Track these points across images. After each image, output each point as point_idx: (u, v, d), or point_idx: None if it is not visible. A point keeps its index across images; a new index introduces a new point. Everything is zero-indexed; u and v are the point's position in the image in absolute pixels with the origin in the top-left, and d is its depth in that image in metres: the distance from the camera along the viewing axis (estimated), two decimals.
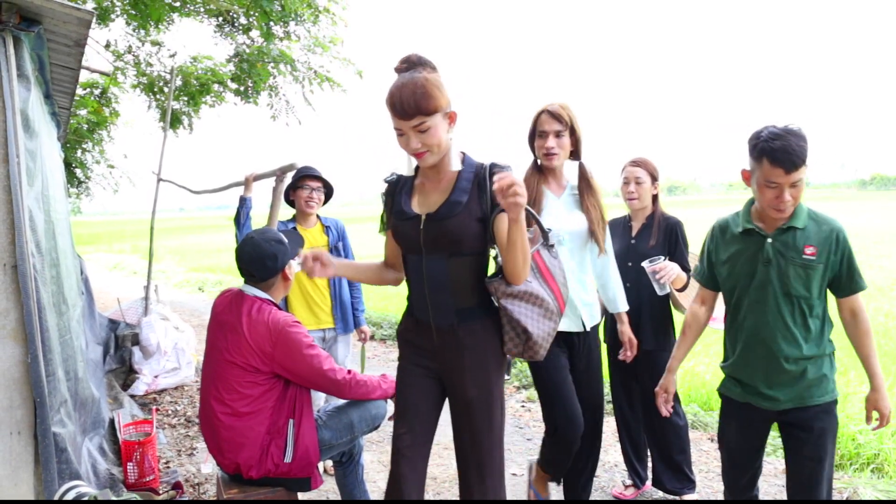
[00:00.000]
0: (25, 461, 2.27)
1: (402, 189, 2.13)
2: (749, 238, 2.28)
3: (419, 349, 2.16)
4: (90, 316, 5.47)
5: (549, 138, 2.61)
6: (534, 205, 2.59)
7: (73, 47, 2.67)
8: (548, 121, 2.61)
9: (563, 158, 2.67)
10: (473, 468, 2.09)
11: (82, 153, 11.33)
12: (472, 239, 2.01)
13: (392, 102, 1.89)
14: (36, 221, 2.43)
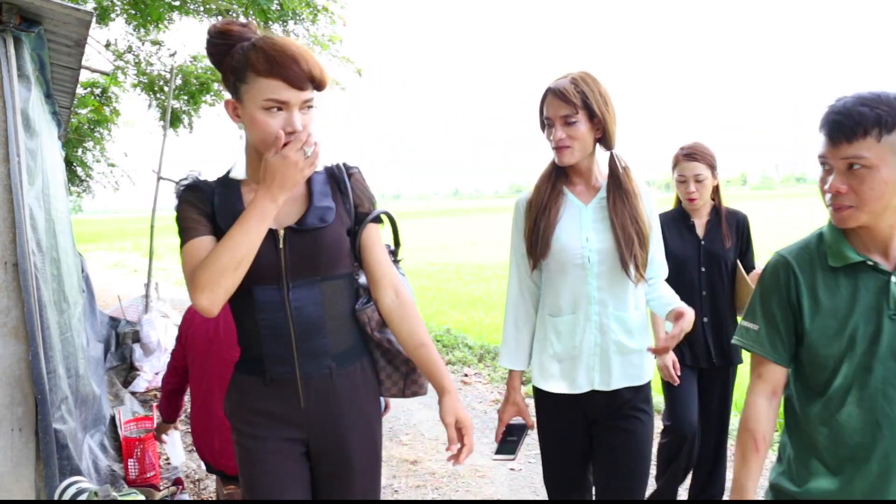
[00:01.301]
0: (27, 457, 2.30)
1: (224, 196, 1.55)
2: (857, 276, 1.41)
3: (278, 420, 1.57)
4: (91, 314, 5.50)
5: (556, 128, 1.88)
6: (548, 214, 1.93)
7: (73, 47, 2.70)
8: (552, 104, 1.89)
9: (581, 151, 1.90)
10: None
11: (83, 152, 11.37)
12: (346, 256, 1.61)
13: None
14: (37, 220, 2.46)
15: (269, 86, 1.41)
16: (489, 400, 5.23)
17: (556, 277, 1.95)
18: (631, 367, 1.95)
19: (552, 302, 1.99)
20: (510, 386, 2.05)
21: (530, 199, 2.00)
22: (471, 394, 5.41)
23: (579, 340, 1.93)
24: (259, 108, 1.42)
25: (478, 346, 6.79)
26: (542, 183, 2.01)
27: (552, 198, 1.96)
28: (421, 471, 3.80)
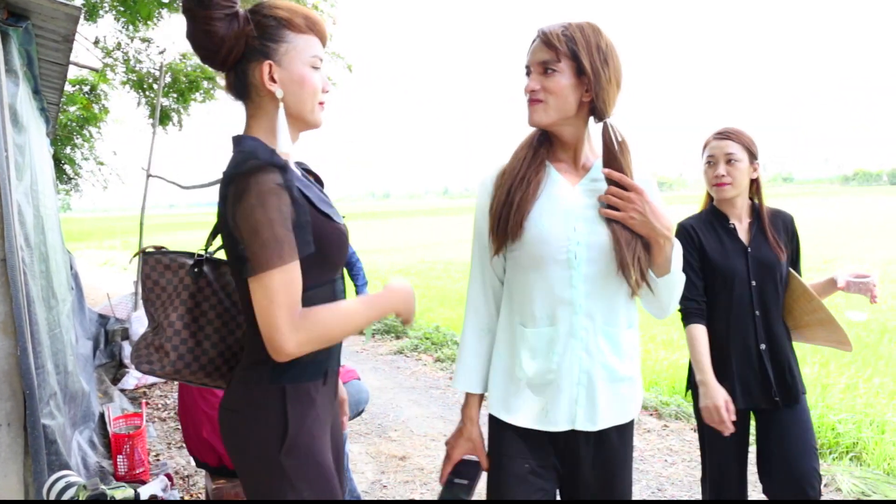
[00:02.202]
0: (15, 453, 2.30)
1: (298, 178, 1.40)
2: None
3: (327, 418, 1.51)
4: (80, 311, 5.49)
5: (531, 75, 1.51)
6: (527, 186, 1.53)
7: (61, 43, 2.70)
8: (535, 49, 1.51)
9: (557, 111, 1.50)
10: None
11: (72, 149, 11.32)
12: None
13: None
14: (25, 216, 2.46)
15: (311, 42, 1.38)
16: None
17: (530, 275, 1.54)
18: (621, 401, 1.56)
19: (523, 307, 1.56)
20: (466, 416, 1.63)
21: (504, 168, 1.60)
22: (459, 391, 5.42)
23: (558, 362, 1.52)
24: (307, 65, 1.37)
25: None
26: (521, 149, 1.61)
27: (533, 168, 1.55)
28: (409, 466, 3.82)
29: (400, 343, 7.25)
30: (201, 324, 1.50)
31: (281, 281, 1.23)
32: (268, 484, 1.35)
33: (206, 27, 1.30)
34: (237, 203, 1.24)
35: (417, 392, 5.38)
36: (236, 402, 1.39)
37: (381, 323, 8.05)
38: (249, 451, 1.36)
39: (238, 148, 1.34)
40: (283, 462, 1.33)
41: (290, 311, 1.24)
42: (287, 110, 1.37)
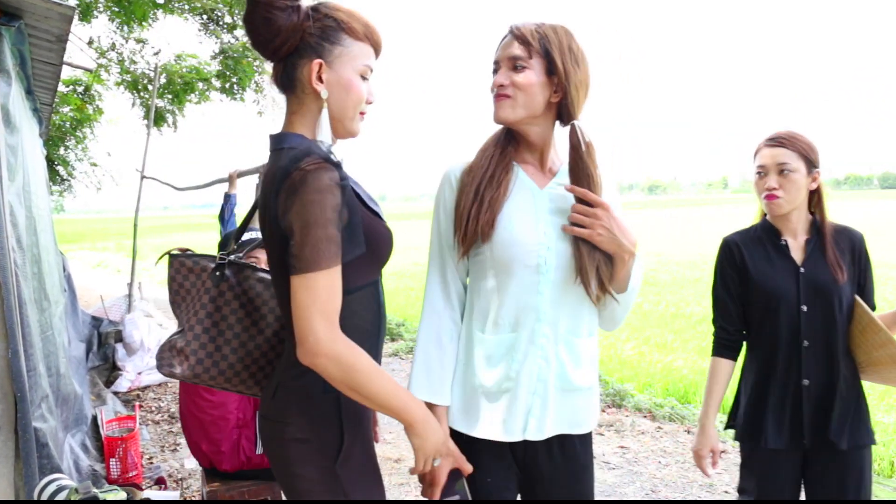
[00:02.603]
0: (6, 456, 2.28)
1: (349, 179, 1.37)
2: None
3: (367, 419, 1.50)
4: (73, 313, 5.46)
5: (500, 71, 1.48)
6: (497, 185, 1.48)
7: (54, 42, 2.68)
8: (503, 44, 1.49)
9: (525, 109, 1.46)
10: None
11: (65, 150, 11.28)
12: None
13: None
14: (17, 216, 2.44)
15: (365, 51, 1.37)
16: None
17: (495, 279, 1.49)
18: (574, 411, 1.53)
19: (483, 312, 1.51)
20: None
21: (470, 165, 1.54)
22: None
23: (517, 370, 1.48)
24: (356, 73, 1.35)
25: None
26: (488, 147, 1.55)
27: (501, 166, 1.50)
28: (404, 468, 3.81)
29: (395, 345, 7.24)
30: (221, 328, 1.48)
31: (325, 284, 1.20)
32: (318, 494, 1.32)
33: (266, 14, 1.27)
34: (292, 197, 1.20)
35: None
36: (284, 414, 1.34)
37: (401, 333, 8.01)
38: (303, 463, 1.32)
39: (287, 144, 1.31)
40: (339, 473, 1.31)
41: (328, 317, 1.20)
42: (329, 113, 1.35)
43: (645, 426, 4.46)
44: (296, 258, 1.20)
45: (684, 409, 4.81)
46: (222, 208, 3.66)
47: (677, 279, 12.71)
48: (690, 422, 4.52)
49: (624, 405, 4.93)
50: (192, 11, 7.84)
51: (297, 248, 1.20)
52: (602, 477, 3.64)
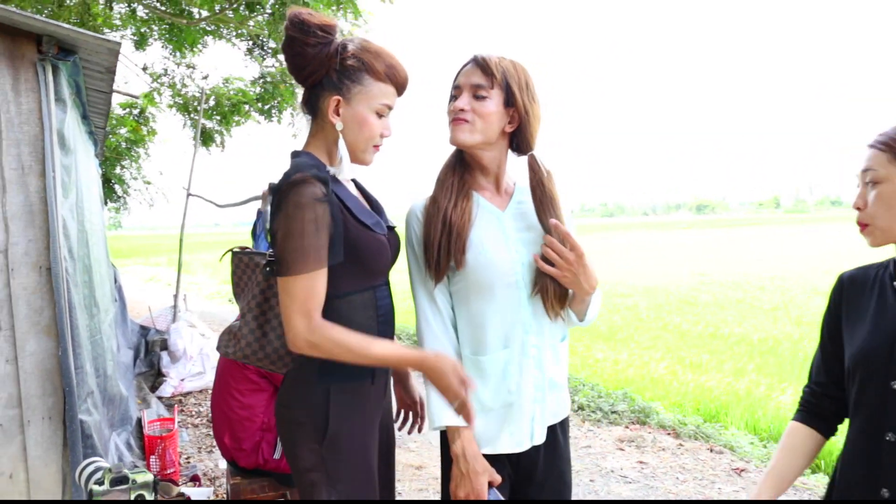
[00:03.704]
0: (55, 444, 2.52)
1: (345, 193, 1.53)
2: None
3: (376, 417, 1.63)
4: (122, 322, 5.79)
5: (461, 96, 1.56)
6: (461, 212, 1.56)
7: (104, 73, 2.98)
8: (467, 72, 1.57)
9: (481, 133, 1.55)
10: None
11: (121, 169, 11.87)
12: None
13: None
14: (69, 229, 2.71)
15: (384, 91, 1.49)
16: None
17: (478, 303, 1.57)
18: (557, 405, 1.67)
19: (473, 336, 1.59)
20: (470, 453, 1.53)
21: (433, 196, 1.61)
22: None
23: (516, 383, 1.57)
24: (372, 111, 1.48)
25: None
26: (446, 176, 1.62)
27: (462, 194, 1.59)
28: (425, 475, 3.95)
29: None
30: (269, 317, 1.68)
31: (302, 286, 1.38)
32: (309, 474, 1.50)
33: (298, 49, 1.45)
34: (278, 211, 1.39)
35: None
36: (288, 399, 1.54)
37: (408, 340, 8.22)
38: (297, 442, 1.51)
39: (292, 161, 1.49)
40: (324, 455, 1.48)
41: (306, 314, 1.38)
42: (345, 142, 1.51)
43: (667, 443, 4.50)
44: (277, 263, 1.40)
45: (709, 427, 4.83)
46: (255, 224, 3.88)
47: (718, 300, 12.54)
48: (715, 440, 4.54)
49: (648, 422, 4.97)
50: (239, 37, 8.25)
51: (277, 255, 1.40)
52: (618, 490, 3.72)
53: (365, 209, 1.56)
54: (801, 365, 6.86)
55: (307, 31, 1.44)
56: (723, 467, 4.02)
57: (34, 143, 2.41)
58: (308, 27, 1.43)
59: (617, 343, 8.36)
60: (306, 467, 1.50)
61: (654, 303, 11.95)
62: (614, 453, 4.30)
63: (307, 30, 1.43)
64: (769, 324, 9.49)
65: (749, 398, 5.62)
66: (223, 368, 2.72)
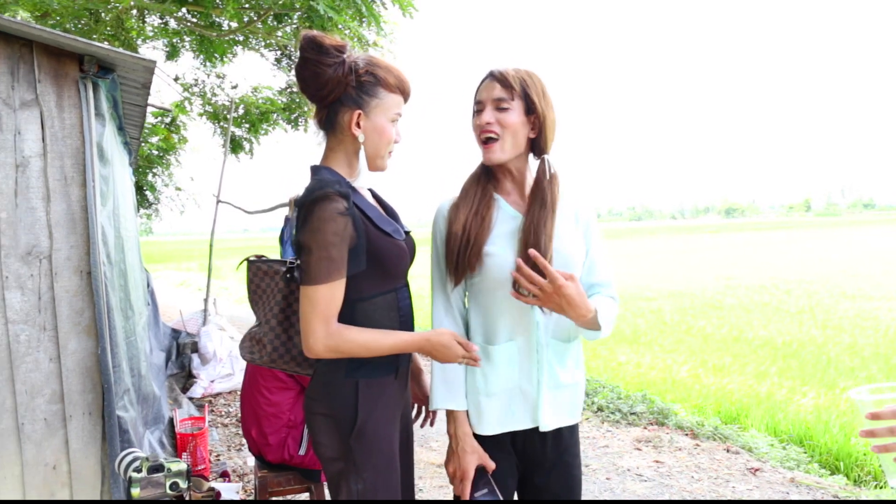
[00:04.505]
0: (94, 437, 2.69)
1: (365, 202, 1.66)
2: None
3: (397, 410, 1.74)
4: (155, 325, 6.01)
5: (485, 111, 1.66)
6: (481, 220, 1.68)
7: (140, 89, 3.16)
8: (487, 86, 1.68)
9: (512, 147, 1.67)
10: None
11: (153, 177, 12.20)
12: None
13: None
14: (107, 236, 2.88)
15: (396, 101, 1.63)
16: None
17: (493, 296, 1.69)
18: (563, 404, 1.75)
19: (487, 326, 1.72)
20: (461, 432, 1.70)
21: (456, 203, 1.74)
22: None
23: (520, 373, 1.71)
24: (388, 120, 1.62)
25: None
26: (470, 185, 1.74)
27: (484, 203, 1.70)
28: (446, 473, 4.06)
29: None
30: (292, 321, 1.81)
31: (323, 295, 1.49)
32: (338, 463, 1.63)
33: (315, 69, 1.55)
34: (303, 225, 1.51)
35: None
36: (317, 393, 1.65)
37: None
38: (326, 433, 1.63)
39: (314, 177, 1.60)
40: (353, 445, 1.61)
41: (325, 321, 1.50)
42: (364, 152, 1.63)
43: (684, 443, 4.56)
44: (302, 273, 1.53)
45: (728, 428, 4.88)
46: (282, 230, 4.04)
47: (744, 303, 12.46)
48: (732, 441, 4.59)
49: (666, 423, 5.02)
50: (267, 47, 8.48)
51: (302, 265, 1.52)
52: (633, 488, 3.79)
53: (384, 217, 1.68)
54: (823, 368, 6.84)
55: (324, 52, 1.55)
56: (738, 467, 4.07)
57: (76, 156, 2.58)
58: (324, 48, 1.55)
59: (640, 346, 8.40)
60: (334, 457, 1.62)
61: (679, 306, 11.93)
62: (631, 453, 4.37)
63: (323, 51, 1.55)
64: (794, 327, 9.43)
65: (770, 401, 5.64)
66: (252, 367, 2.86)
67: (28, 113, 2.48)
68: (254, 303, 1.88)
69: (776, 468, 4.06)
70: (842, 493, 3.65)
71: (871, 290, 13.22)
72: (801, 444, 4.57)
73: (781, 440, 4.69)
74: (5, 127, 2.44)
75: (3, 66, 2.43)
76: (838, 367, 6.91)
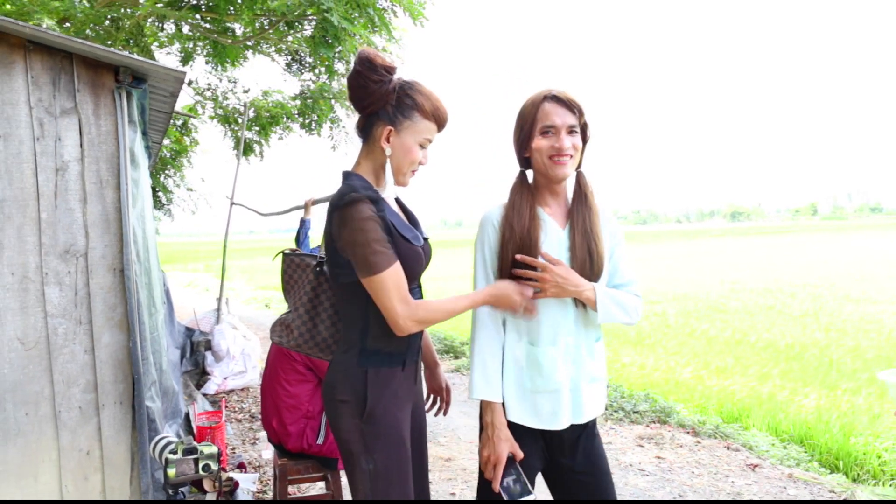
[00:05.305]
0: (125, 426, 2.84)
1: (390, 210, 1.80)
2: None
3: (405, 400, 1.88)
4: (170, 323, 6.17)
5: (561, 136, 1.81)
6: (532, 240, 1.85)
7: (168, 97, 3.33)
8: (558, 111, 1.81)
9: (576, 165, 1.88)
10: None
11: (165, 178, 12.40)
12: None
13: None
14: (136, 236, 3.04)
15: (428, 127, 1.79)
16: None
17: (535, 304, 1.86)
18: (594, 398, 1.93)
19: (531, 329, 1.88)
20: (498, 422, 1.85)
21: (507, 217, 1.89)
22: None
23: (560, 373, 1.86)
24: (416, 142, 1.77)
25: None
26: (518, 201, 1.89)
27: (532, 223, 1.86)
28: (454, 467, 4.21)
29: (458, 362, 7.67)
30: (318, 311, 1.97)
31: (391, 278, 1.66)
32: (350, 444, 1.78)
33: (362, 82, 1.73)
34: (343, 227, 1.68)
35: (469, 405, 5.77)
36: (333, 380, 1.81)
37: (440, 343, 8.52)
38: (340, 417, 1.78)
39: (345, 182, 1.75)
40: (364, 428, 1.77)
41: (403, 300, 1.68)
42: (391, 165, 1.79)
43: (685, 440, 4.69)
44: (359, 269, 1.68)
45: (729, 427, 5.00)
46: (298, 232, 4.20)
47: (748, 307, 12.56)
48: (733, 439, 4.72)
49: (668, 421, 5.16)
50: (278, 52, 8.65)
51: (358, 264, 1.68)
52: (634, 482, 3.93)
53: (405, 224, 1.84)
54: (826, 370, 6.96)
55: (373, 69, 1.72)
56: (738, 463, 4.21)
57: (110, 160, 2.75)
58: (374, 65, 1.72)
59: (644, 348, 8.52)
60: (347, 439, 1.78)
61: (683, 309, 12.04)
62: (633, 449, 4.51)
63: (373, 68, 1.72)
64: (797, 330, 9.53)
65: (771, 402, 5.76)
66: (273, 360, 3.02)
67: (68, 120, 2.65)
68: (286, 292, 2.05)
69: (775, 465, 4.19)
70: (838, 489, 3.78)
71: (876, 293, 13.30)
72: (801, 444, 4.68)
73: (782, 440, 4.80)
74: (47, 133, 2.61)
75: (45, 77, 2.60)
76: (840, 369, 7.02)
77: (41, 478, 2.68)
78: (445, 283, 18.76)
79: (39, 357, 2.66)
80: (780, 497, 3.68)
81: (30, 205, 2.62)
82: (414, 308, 1.68)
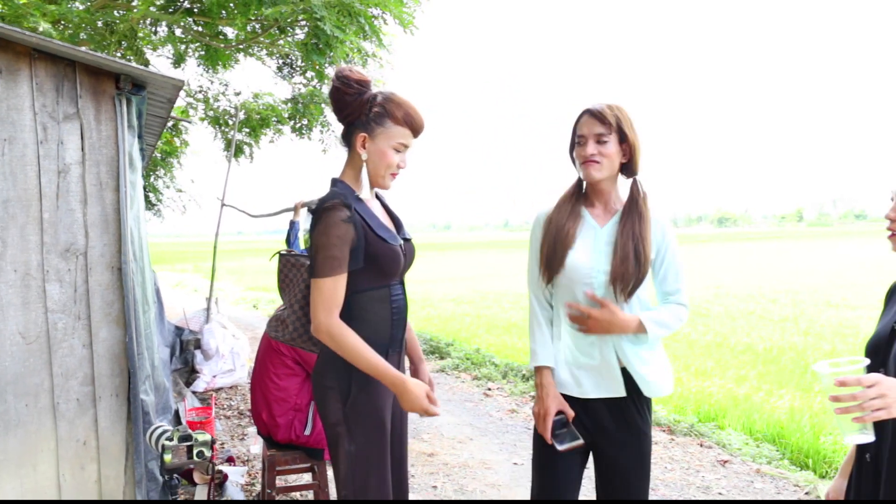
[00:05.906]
0: (121, 418, 2.97)
1: (366, 210, 1.95)
2: None
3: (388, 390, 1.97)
4: (160, 322, 6.26)
5: (588, 144, 2.02)
6: (566, 233, 2.05)
7: (165, 103, 3.46)
8: (587, 122, 2.04)
9: (608, 170, 2.03)
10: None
11: (155, 179, 12.47)
12: None
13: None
14: (133, 236, 3.17)
15: (401, 132, 1.92)
16: (506, 409, 5.76)
17: (571, 295, 2.06)
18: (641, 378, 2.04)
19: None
20: (546, 382, 2.07)
21: (550, 216, 2.11)
22: (490, 404, 5.95)
23: (597, 354, 2.05)
24: (390, 147, 1.92)
25: (503, 364, 7.32)
26: (563, 202, 2.12)
27: (571, 218, 2.07)
28: (436, 462, 4.36)
29: (443, 362, 7.82)
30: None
31: (327, 286, 1.81)
32: (335, 427, 1.94)
33: (340, 96, 1.91)
34: (314, 228, 1.86)
35: (453, 404, 5.93)
36: (322, 369, 1.97)
37: (426, 344, 8.66)
38: (327, 402, 1.92)
39: (331, 188, 1.92)
40: (347, 412, 1.93)
41: (327, 309, 1.83)
42: (367, 169, 1.95)
43: (660, 437, 4.86)
44: (311, 268, 1.85)
45: (704, 426, 5.18)
46: (288, 233, 4.34)
47: (730, 311, 12.78)
48: (707, 437, 4.89)
49: None
50: (269, 55, 8.78)
51: (312, 262, 1.85)
52: None
53: (382, 225, 1.99)
54: (801, 373, 7.16)
55: (348, 84, 1.90)
56: (709, 459, 4.38)
57: (110, 164, 2.88)
58: (349, 81, 1.90)
59: None
60: (333, 422, 1.94)
61: None
62: None
63: (348, 83, 1.90)
64: (776, 334, 9.74)
65: (747, 402, 5.93)
66: (263, 355, 3.16)
67: (70, 125, 2.78)
68: (282, 289, 2.20)
69: (746, 461, 4.37)
70: (803, 483, 3.95)
71: (855, 299, 13.56)
72: (773, 443, 4.86)
73: (756, 439, 4.96)
74: (50, 137, 2.74)
75: (49, 84, 2.73)
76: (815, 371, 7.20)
77: (39, 467, 2.80)
78: (434, 285, 18.94)
79: (40, 351, 2.78)
80: (747, 490, 3.86)
81: (33, 205, 2.75)
82: (334, 325, 1.81)
